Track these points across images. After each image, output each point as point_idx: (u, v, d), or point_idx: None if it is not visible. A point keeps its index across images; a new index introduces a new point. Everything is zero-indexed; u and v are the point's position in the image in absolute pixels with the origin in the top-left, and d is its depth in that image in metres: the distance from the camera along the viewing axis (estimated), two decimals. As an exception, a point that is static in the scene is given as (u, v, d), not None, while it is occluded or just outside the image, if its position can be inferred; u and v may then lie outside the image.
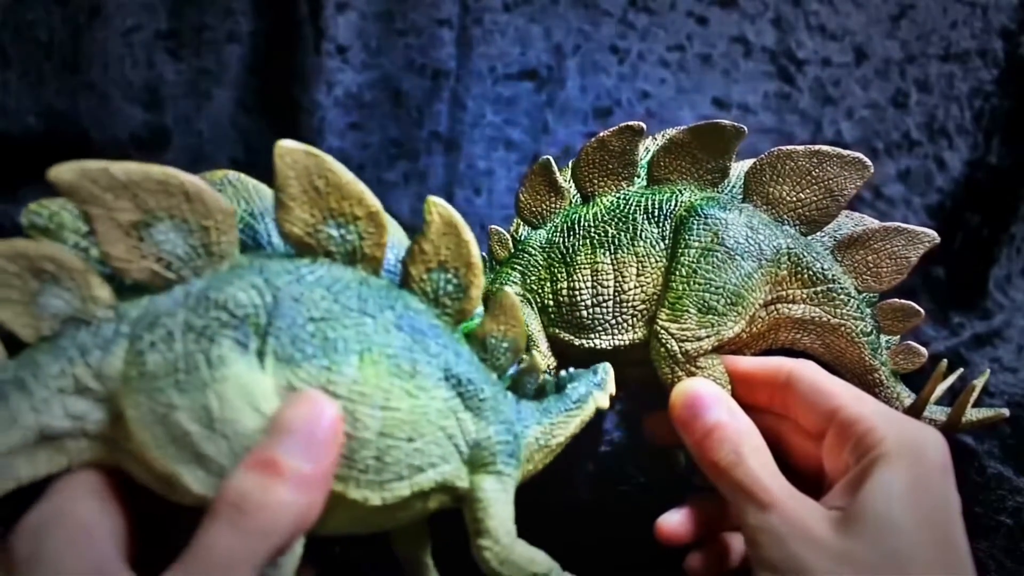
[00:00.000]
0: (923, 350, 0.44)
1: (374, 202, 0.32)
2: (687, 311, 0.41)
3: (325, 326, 0.30)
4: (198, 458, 0.28)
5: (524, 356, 0.37)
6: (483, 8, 0.68)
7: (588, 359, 0.43)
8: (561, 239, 0.45)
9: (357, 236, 0.32)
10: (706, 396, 0.36)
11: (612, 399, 0.40)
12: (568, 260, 0.44)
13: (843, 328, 0.43)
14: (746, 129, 0.41)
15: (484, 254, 0.49)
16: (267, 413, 0.29)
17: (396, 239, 0.35)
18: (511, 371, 0.37)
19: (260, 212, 0.33)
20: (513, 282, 0.47)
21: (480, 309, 0.35)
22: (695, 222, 0.42)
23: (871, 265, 0.43)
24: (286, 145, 0.31)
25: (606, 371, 0.41)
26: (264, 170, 0.37)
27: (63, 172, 0.28)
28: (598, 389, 0.40)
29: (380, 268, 0.33)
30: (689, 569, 0.40)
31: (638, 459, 0.56)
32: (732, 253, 0.41)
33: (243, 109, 0.67)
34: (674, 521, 0.40)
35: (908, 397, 0.44)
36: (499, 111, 0.69)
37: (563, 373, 0.39)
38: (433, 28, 0.68)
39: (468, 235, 0.33)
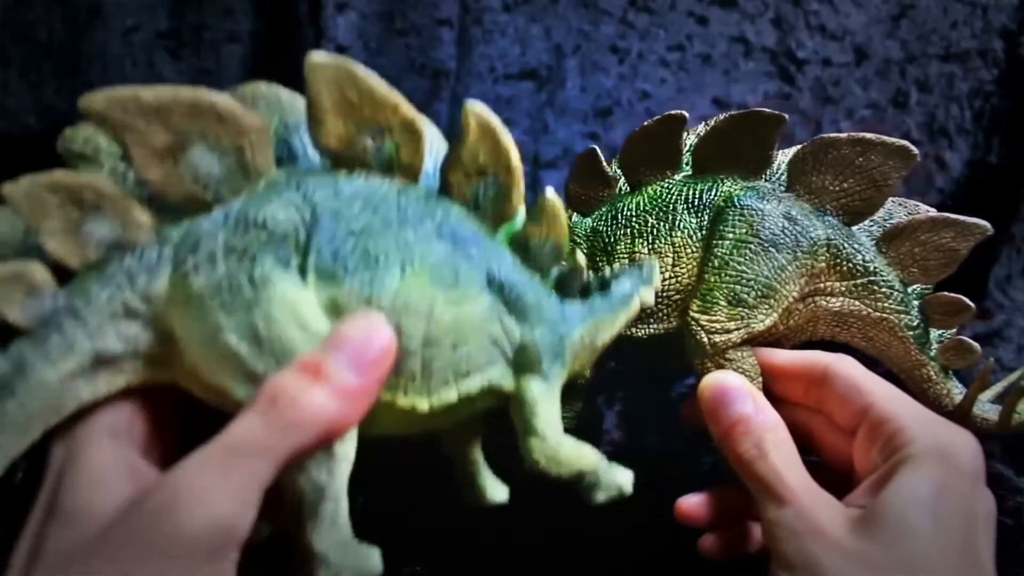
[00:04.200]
0: (976, 346, 0.43)
1: (409, 110, 0.32)
2: (717, 303, 0.40)
3: (365, 239, 0.30)
4: (249, 375, 0.28)
5: (567, 258, 0.37)
6: (483, 8, 0.68)
7: (625, 347, 0.43)
8: (604, 227, 0.45)
9: (393, 146, 0.32)
10: (732, 389, 0.37)
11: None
12: (608, 249, 0.44)
13: (885, 322, 0.42)
14: (787, 117, 0.41)
15: None
16: (313, 329, 0.29)
17: (436, 147, 0.34)
18: (554, 273, 0.36)
19: (295, 124, 0.33)
20: None
21: (523, 213, 0.35)
22: (731, 213, 0.41)
23: (918, 257, 0.41)
24: (317, 59, 0.30)
25: (651, 266, 0.41)
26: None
27: (94, 101, 0.28)
28: (644, 285, 0.39)
29: (419, 177, 0.33)
30: (704, 548, 0.40)
31: (638, 459, 0.56)
32: (766, 245, 0.40)
33: (243, 109, 0.67)
34: (695, 502, 0.40)
35: (959, 394, 0.43)
36: (499, 111, 0.69)
37: (607, 271, 0.39)
38: (433, 28, 0.68)
39: (507, 139, 0.33)
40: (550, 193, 0.35)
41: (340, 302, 0.30)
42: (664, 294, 0.43)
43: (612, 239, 0.44)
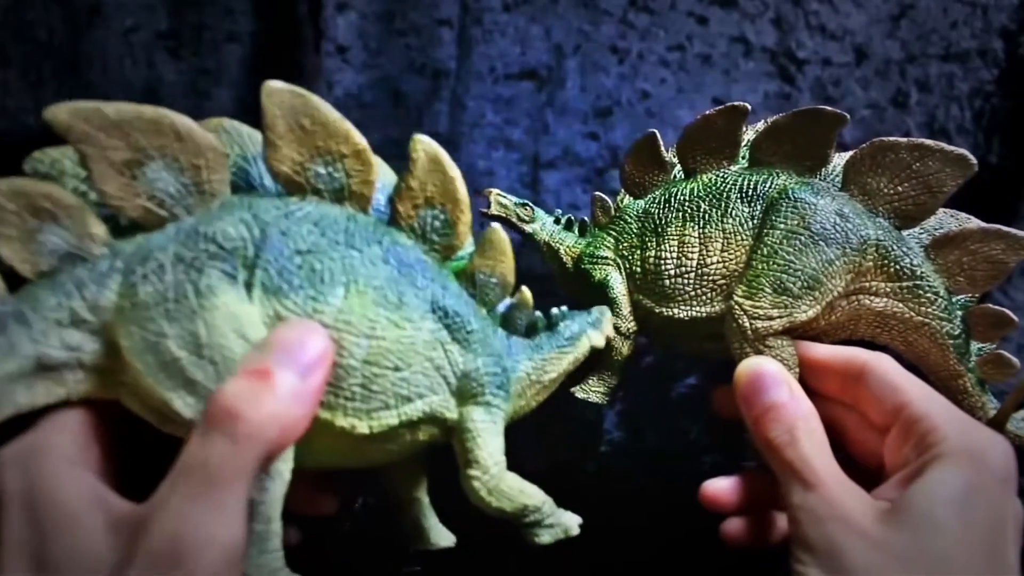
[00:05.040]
0: (1015, 361, 0.42)
1: (360, 140, 0.32)
2: (762, 290, 0.41)
3: (312, 258, 0.31)
4: (187, 384, 0.29)
5: (513, 294, 0.37)
6: (483, 8, 0.68)
7: (667, 328, 0.45)
8: (657, 210, 0.46)
9: (344, 174, 0.33)
10: (769, 375, 0.37)
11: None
12: (659, 230, 0.45)
13: (926, 328, 0.41)
14: (848, 116, 0.41)
15: (585, 218, 0.51)
16: (254, 340, 0.29)
17: (386, 180, 0.35)
18: (502, 307, 0.37)
19: (253, 156, 0.33)
20: (606, 246, 0.48)
21: (469, 248, 0.36)
22: (785, 204, 0.42)
23: (965, 267, 0.41)
24: (273, 85, 0.31)
25: (601, 312, 0.42)
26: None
27: (59, 112, 0.28)
28: (592, 328, 0.40)
29: (368, 206, 0.34)
30: (725, 533, 0.40)
31: (638, 459, 0.56)
32: (816, 238, 0.40)
33: (243, 109, 0.67)
34: (719, 486, 0.40)
35: (993, 408, 0.43)
36: (499, 111, 0.69)
37: (554, 311, 0.39)
38: (433, 28, 0.68)
39: (454, 172, 0.34)
40: (496, 227, 0.36)
41: (283, 316, 0.30)
42: (710, 277, 0.43)
43: (663, 221, 0.45)
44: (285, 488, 0.30)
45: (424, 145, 0.34)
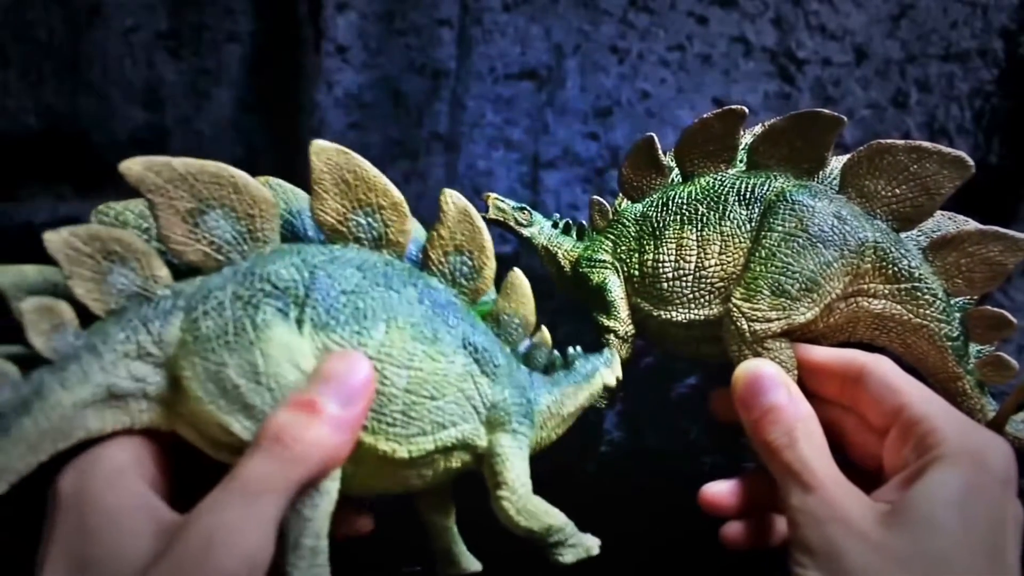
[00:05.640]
0: (1014, 363, 0.42)
1: (397, 194, 0.37)
2: (760, 292, 0.41)
3: (355, 298, 0.34)
4: (245, 408, 0.32)
5: (534, 334, 0.40)
6: (483, 8, 0.68)
7: (664, 331, 0.45)
8: (655, 213, 0.46)
9: (382, 224, 0.37)
10: (767, 377, 0.37)
11: (619, 384, 0.42)
12: (657, 233, 0.45)
13: (925, 330, 0.41)
14: (845, 119, 0.41)
15: (583, 222, 0.52)
16: (306, 369, 0.33)
17: (416, 232, 0.39)
18: (524, 346, 0.40)
19: (297, 210, 0.37)
20: (604, 250, 0.48)
21: (492, 293, 0.39)
22: (782, 207, 0.42)
23: (964, 269, 0.41)
24: (320, 144, 0.35)
25: (612, 353, 0.44)
26: (264, 170, 0.37)
27: (133, 165, 0.32)
28: (605, 367, 0.43)
29: (403, 253, 0.37)
30: (725, 536, 0.40)
31: (638, 459, 0.56)
32: (814, 240, 0.40)
33: (243, 109, 0.67)
34: (718, 490, 0.40)
35: (992, 411, 0.43)
36: (499, 111, 0.69)
37: (570, 351, 0.43)
38: (433, 28, 0.68)
39: (481, 223, 0.38)
40: (518, 272, 0.39)
41: (331, 349, 0.33)
42: (708, 280, 0.43)
43: (661, 224, 0.45)
44: (333, 506, 0.32)
45: (454, 198, 0.37)
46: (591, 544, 0.39)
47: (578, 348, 0.43)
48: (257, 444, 0.30)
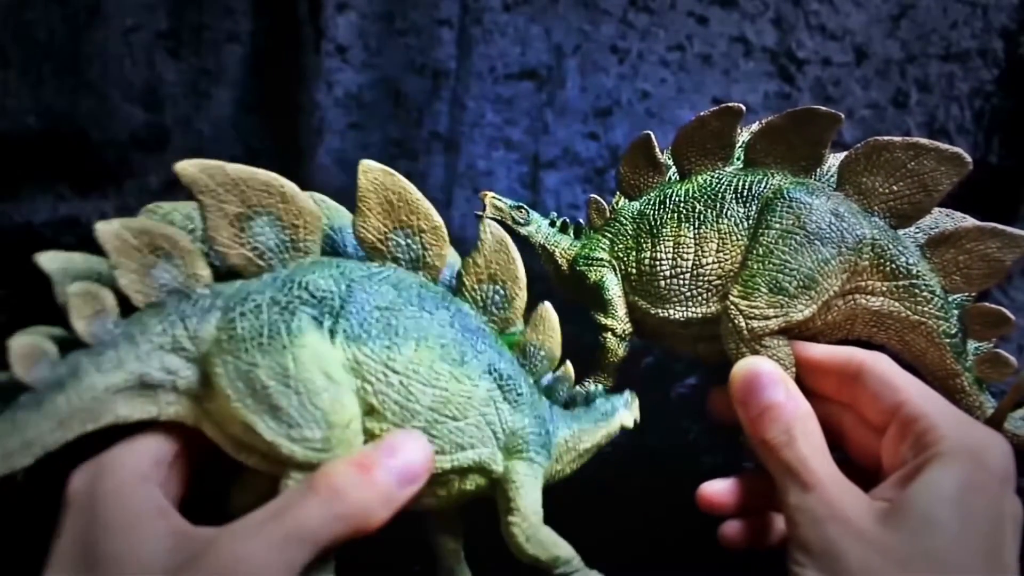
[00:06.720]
0: (1012, 360, 0.42)
1: (438, 219, 0.38)
2: (758, 289, 0.41)
3: (389, 314, 0.35)
4: (272, 409, 0.33)
5: (557, 368, 0.41)
6: (483, 8, 0.68)
7: (662, 329, 0.45)
8: (652, 211, 0.46)
9: (421, 246, 0.37)
10: (765, 375, 0.37)
11: (636, 426, 0.43)
12: (654, 231, 0.45)
13: (923, 327, 0.41)
14: (842, 116, 0.41)
15: (580, 220, 0.52)
16: (334, 377, 0.33)
17: (451, 257, 0.39)
18: (547, 379, 0.41)
19: (339, 227, 0.38)
20: (602, 248, 0.48)
21: (520, 325, 0.40)
22: (779, 204, 0.42)
23: (962, 265, 0.41)
24: (368, 164, 0.36)
25: (632, 396, 0.45)
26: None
27: (188, 166, 0.33)
28: (624, 408, 0.44)
29: (439, 276, 0.38)
30: (723, 535, 0.40)
31: (638, 459, 0.56)
32: (811, 237, 0.40)
33: (243, 109, 0.67)
34: (716, 488, 0.40)
35: (991, 408, 0.43)
36: (499, 111, 0.69)
37: (591, 388, 0.44)
38: (433, 28, 0.68)
39: (516, 254, 0.39)
40: (548, 306, 0.40)
41: (360, 361, 0.34)
42: (705, 278, 0.43)
43: (658, 222, 0.45)
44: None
45: (493, 228, 0.39)
46: None
47: (600, 387, 0.44)
48: (318, 490, 0.30)
